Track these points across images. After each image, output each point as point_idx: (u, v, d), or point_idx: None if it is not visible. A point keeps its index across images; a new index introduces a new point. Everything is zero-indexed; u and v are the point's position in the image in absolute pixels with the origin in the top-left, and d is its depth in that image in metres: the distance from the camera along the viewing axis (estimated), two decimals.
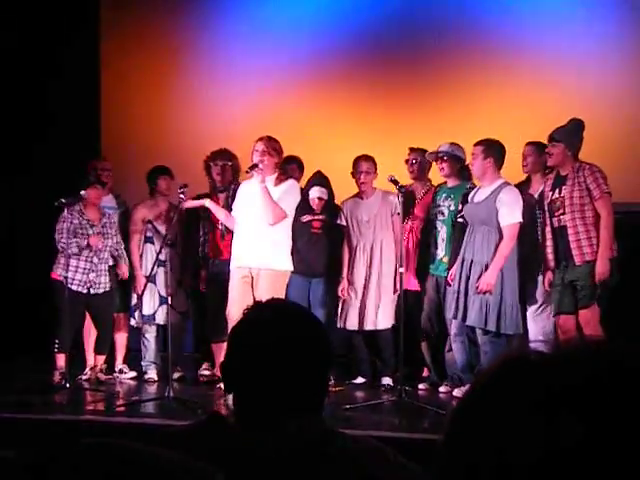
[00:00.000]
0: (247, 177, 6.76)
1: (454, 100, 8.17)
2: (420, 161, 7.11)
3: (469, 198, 6.55)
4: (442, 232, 6.83)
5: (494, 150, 6.40)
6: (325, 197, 7.12)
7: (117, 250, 7.43)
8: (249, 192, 6.59)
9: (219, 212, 6.93)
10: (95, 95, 9.08)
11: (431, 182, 7.19)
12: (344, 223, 7.14)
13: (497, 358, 0.83)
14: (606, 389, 0.75)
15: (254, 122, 8.29)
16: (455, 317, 6.39)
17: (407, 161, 7.15)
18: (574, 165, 6.13)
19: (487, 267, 6.27)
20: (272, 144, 6.54)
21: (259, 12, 8.83)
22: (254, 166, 6.46)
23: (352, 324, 7.03)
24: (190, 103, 8.93)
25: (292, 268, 6.63)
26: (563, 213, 6.13)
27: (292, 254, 7.05)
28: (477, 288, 6.25)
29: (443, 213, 6.83)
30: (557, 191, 6.18)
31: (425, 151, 7.05)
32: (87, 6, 9.09)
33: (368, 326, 6.98)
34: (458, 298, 6.37)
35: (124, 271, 7.44)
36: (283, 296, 6.36)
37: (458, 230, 6.64)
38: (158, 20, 9.13)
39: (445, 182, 6.96)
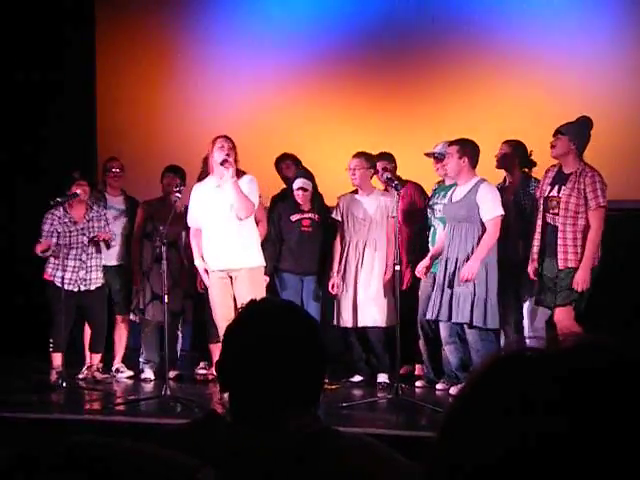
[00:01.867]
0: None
1: (453, 98, 8.17)
2: (384, 168, 7.07)
3: (447, 197, 6.58)
4: (439, 230, 6.84)
5: (468, 149, 6.45)
6: (308, 188, 7.11)
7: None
8: (207, 193, 6.58)
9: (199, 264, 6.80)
10: (90, 94, 9.06)
11: (402, 180, 7.14)
12: (339, 218, 7.13)
13: (490, 355, 0.83)
14: (596, 386, 0.75)
15: (251, 119, 8.30)
16: (438, 317, 6.38)
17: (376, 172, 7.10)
18: (578, 166, 6.11)
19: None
20: (231, 141, 6.56)
21: (256, 10, 8.82)
22: (225, 161, 6.46)
23: (345, 321, 7.03)
24: (186, 101, 8.92)
25: (264, 263, 6.64)
26: (557, 214, 6.15)
27: (283, 253, 7.06)
28: (460, 278, 6.26)
29: (440, 211, 6.84)
30: (556, 189, 6.18)
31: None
32: (82, 5, 9.08)
33: (360, 323, 6.98)
34: (442, 297, 6.37)
35: (102, 235, 7.30)
36: (264, 290, 6.47)
37: None
38: (154, 18, 9.12)
39: (443, 181, 6.98)
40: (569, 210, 6.07)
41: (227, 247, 6.47)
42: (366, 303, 6.96)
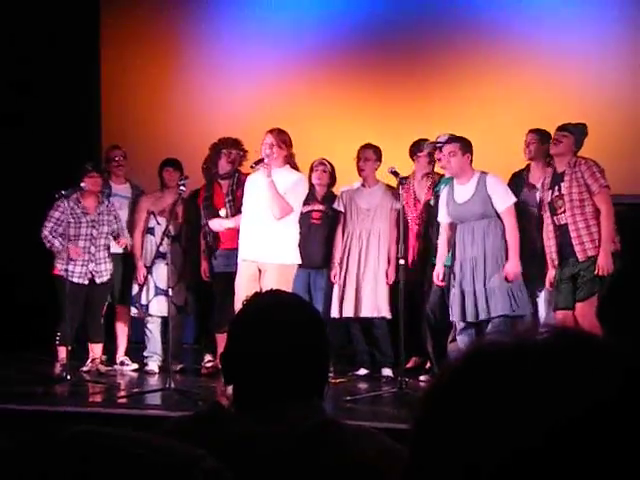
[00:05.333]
0: (252, 170, 6.73)
1: (453, 90, 8.17)
2: (430, 154, 7.09)
3: (446, 199, 6.49)
4: (441, 228, 6.80)
5: (469, 146, 6.43)
6: (327, 169, 7.11)
7: (114, 231, 7.40)
8: (256, 186, 6.55)
9: (229, 223, 6.94)
10: (96, 85, 9.08)
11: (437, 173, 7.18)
12: (341, 209, 7.11)
13: (462, 351, 0.81)
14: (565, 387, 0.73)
15: (256, 113, 8.30)
16: (477, 318, 6.31)
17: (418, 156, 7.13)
18: (570, 161, 6.13)
19: (505, 258, 6.28)
20: (281, 137, 6.48)
21: (260, 5, 8.82)
22: (260, 161, 6.44)
23: (348, 312, 7.00)
24: (192, 94, 8.92)
25: (299, 261, 6.59)
26: (564, 211, 6.13)
27: None
28: (506, 279, 6.23)
29: None
30: (556, 189, 6.17)
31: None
32: None
33: (364, 313, 6.96)
34: (476, 298, 6.31)
35: (123, 242, 7.39)
36: (290, 289, 6.28)
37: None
38: (159, 12, 9.12)
39: (443, 174, 6.96)
40: (574, 201, 6.06)
41: (260, 239, 6.41)
42: (369, 293, 6.94)
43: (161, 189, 7.54)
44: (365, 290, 6.96)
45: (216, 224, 7.10)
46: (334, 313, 7.02)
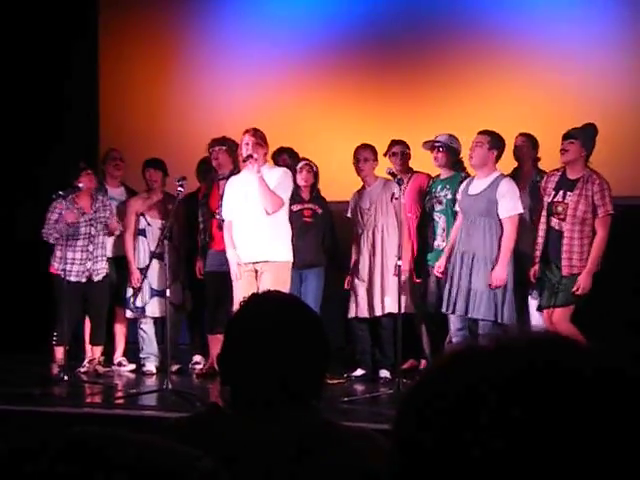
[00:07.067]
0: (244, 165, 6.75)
1: (452, 92, 8.17)
2: (402, 152, 7.13)
3: (461, 189, 6.52)
4: (441, 222, 6.82)
5: (499, 143, 6.39)
6: (313, 167, 7.14)
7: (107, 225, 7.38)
8: (241, 186, 6.57)
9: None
10: (94, 87, 9.07)
11: (412, 170, 7.19)
12: (349, 215, 7.16)
13: (443, 352, 0.83)
14: (536, 385, 0.74)
15: (253, 113, 8.28)
16: (453, 312, 6.33)
17: (393, 154, 7.15)
18: (584, 172, 6.11)
19: (495, 260, 6.24)
20: (260, 135, 6.52)
21: (257, 5, 8.82)
22: (249, 157, 6.45)
23: (363, 312, 7.00)
24: (189, 95, 8.92)
25: (292, 259, 6.58)
26: (564, 219, 6.13)
27: None
28: (490, 285, 6.20)
29: (440, 203, 6.82)
30: (561, 194, 6.16)
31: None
32: None
33: (377, 312, 6.94)
34: (458, 292, 6.32)
35: (114, 225, 7.35)
36: (288, 287, 6.31)
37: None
38: (157, 12, 9.12)
39: (438, 175, 6.97)
40: (577, 217, 6.07)
41: (254, 240, 6.41)
42: (382, 291, 6.92)
43: (147, 190, 7.54)
44: (376, 289, 6.95)
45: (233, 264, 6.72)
46: (350, 314, 7.02)
